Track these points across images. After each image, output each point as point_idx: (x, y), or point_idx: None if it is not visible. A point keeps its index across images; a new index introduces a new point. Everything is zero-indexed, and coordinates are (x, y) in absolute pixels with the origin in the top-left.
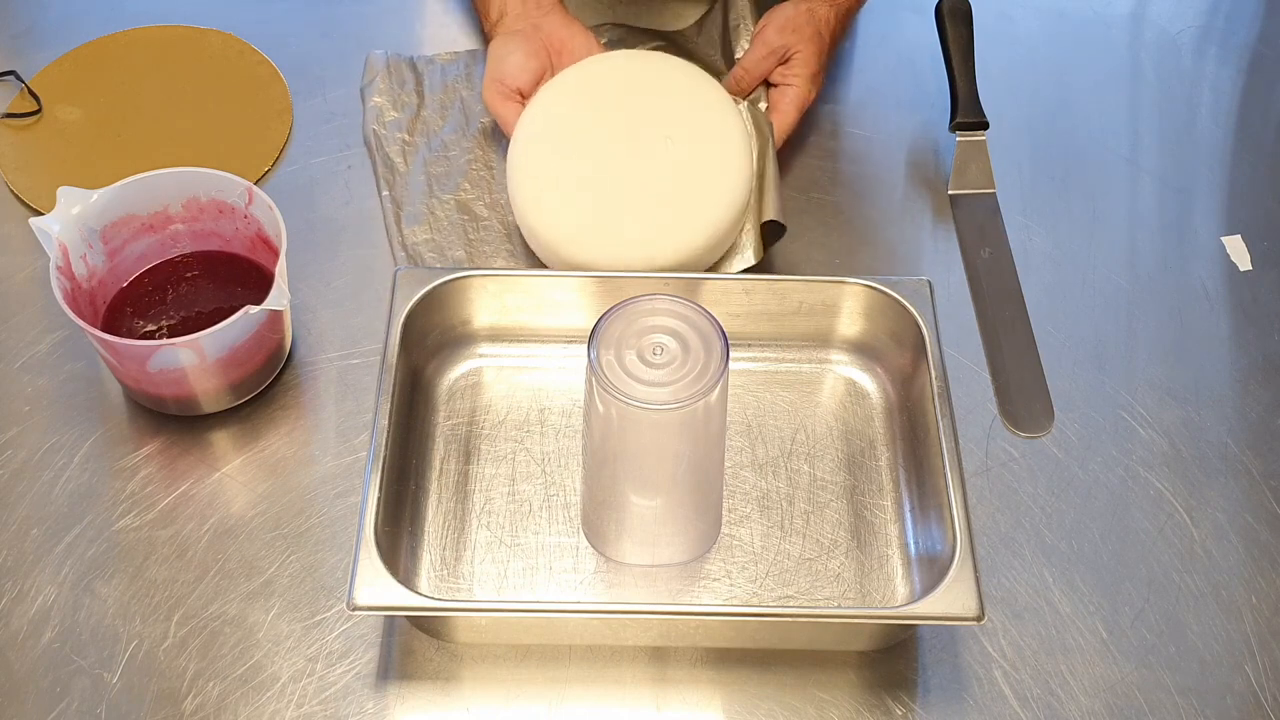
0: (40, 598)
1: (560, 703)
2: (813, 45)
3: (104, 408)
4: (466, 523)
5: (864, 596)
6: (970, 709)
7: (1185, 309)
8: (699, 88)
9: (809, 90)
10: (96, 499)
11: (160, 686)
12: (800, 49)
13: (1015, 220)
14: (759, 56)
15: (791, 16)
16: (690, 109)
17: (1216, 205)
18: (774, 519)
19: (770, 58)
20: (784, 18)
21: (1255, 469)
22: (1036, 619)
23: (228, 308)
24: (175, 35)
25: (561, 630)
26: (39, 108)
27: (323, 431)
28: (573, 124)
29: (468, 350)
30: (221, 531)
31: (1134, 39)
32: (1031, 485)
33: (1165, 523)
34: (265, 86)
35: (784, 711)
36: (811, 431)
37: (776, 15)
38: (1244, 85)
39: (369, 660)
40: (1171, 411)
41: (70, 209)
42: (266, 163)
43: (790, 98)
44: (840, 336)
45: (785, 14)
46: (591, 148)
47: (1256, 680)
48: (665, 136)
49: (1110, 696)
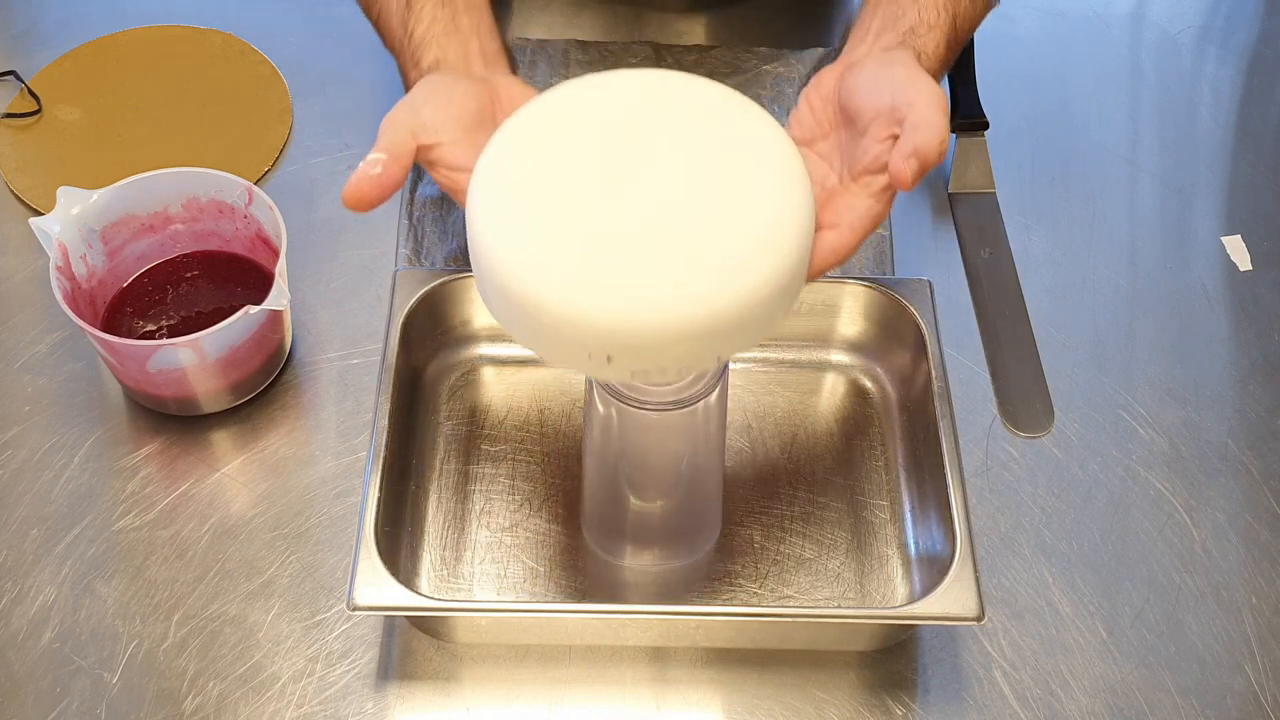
0: (40, 598)
1: (560, 703)
2: (938, 103)
3: (104, 408)
4: (466, 523)
5: (864, 596)
6: (970, 709)
7: (1185, 309)
8: (730, 103)
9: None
10: (96, 499)
11: (160, 686)
12: (914, 101)
13: (1015, 220)
14: (879, 136)
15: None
16: (722, 122)
17: (1216, 205)
18: (774, 519)
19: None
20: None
21: (1255, 469)
22: (1036, 619)
23: (228, 308)
24: (175, 35)
25: (561, 630)
26: (39, 108)
27: (323, 431)
28: (555, 146)
29: (468, 350)
30: (221, 531)
31: (1134, 39)
32: (1031, 485)
33: (1165, 523)
34: (265, 86)
35: (784, 711)
36: (811, 431)
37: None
38: (1244, 85)
39: (369, 660)
40: (1171, 411)
41: (70, 209)
42: (266, 163)
43: (862, 212)
44: (840, 336)
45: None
46: (582, 172)
47: (1256, 680)
48: (685, 156)
49: (1110, 696)
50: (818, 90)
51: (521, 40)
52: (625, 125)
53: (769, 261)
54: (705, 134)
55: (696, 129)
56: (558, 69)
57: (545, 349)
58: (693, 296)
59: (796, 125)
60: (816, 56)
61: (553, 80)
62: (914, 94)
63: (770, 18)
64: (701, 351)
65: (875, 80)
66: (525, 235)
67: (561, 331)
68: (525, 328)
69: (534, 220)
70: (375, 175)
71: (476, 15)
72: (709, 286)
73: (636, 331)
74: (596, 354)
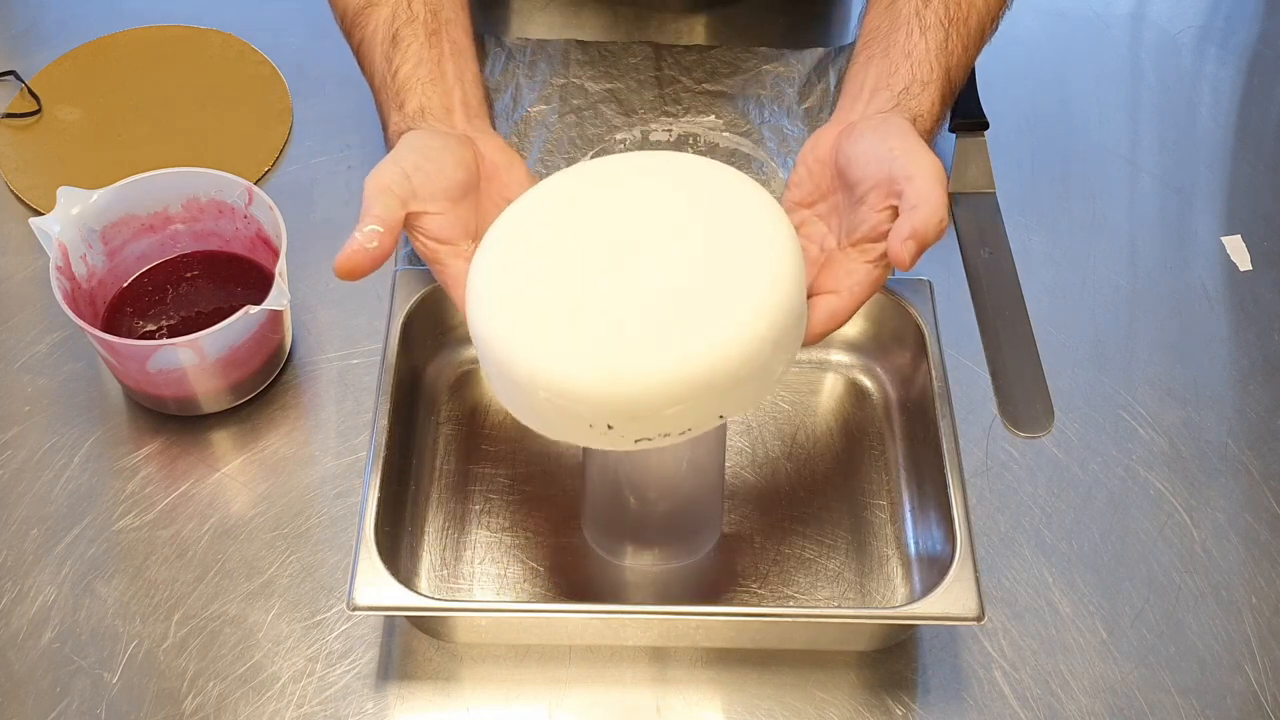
0: (40, 598)
1: (560, 703)
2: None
3: (104, 408)
4: (466, 523)
5: (864, 596)
6: (970, 709)
7: (1185, 309)
8: (719, 176)
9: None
10: (96, 499)
11: (160, 686)
12: (913, 176)
13: (1015, 220)
14: (876, 206)
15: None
16: (710, 194)
17: (1216, 205)
18: (774, 519)
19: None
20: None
21: (1255, 469)
22: (1036, 619)
23: (228, 308)
24: (175, 35)
25: (561, 630)
26: (39, 108)
27: (323, 431)
28: (552, 229)
29: (468, 350)
30: (221, 531)
31: (1134, 39)
32: (1031, 485)
33: (1165, 523)
34: (265, 86)
35: (784, 711)
36: (811, 431)
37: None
38: (1244, 85)
39: (369, 660)
40: (1171, 411)
41: (70, 209)
42: (266, 163)
43: (861, 278)
44: (840, 336)
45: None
46: (577, 253)
47: (1256, 680)
48: (677, 231)
49: (1110, 696)
50: (814, 153)
51: (521, 40)
52: (619, 207)
53: (760, 321)
54: (696, 208)
55: (687, 204)
56: (558, 69)
57: (547, 424)
58: (684, 358)
59: (795, 188)
60: (816, 56)
61: (553, 80)
62: (912, 168)
63: (770, 18)
64: (700, 412)
65: (872, 151)
66: (522, 315)
67: (560, 405)
68: (526, 405)
69: (530, 300)
70: (371, 249)
71: (461, 61)
72: (702, 348)
73: (631, 398)
74: (597, 424)
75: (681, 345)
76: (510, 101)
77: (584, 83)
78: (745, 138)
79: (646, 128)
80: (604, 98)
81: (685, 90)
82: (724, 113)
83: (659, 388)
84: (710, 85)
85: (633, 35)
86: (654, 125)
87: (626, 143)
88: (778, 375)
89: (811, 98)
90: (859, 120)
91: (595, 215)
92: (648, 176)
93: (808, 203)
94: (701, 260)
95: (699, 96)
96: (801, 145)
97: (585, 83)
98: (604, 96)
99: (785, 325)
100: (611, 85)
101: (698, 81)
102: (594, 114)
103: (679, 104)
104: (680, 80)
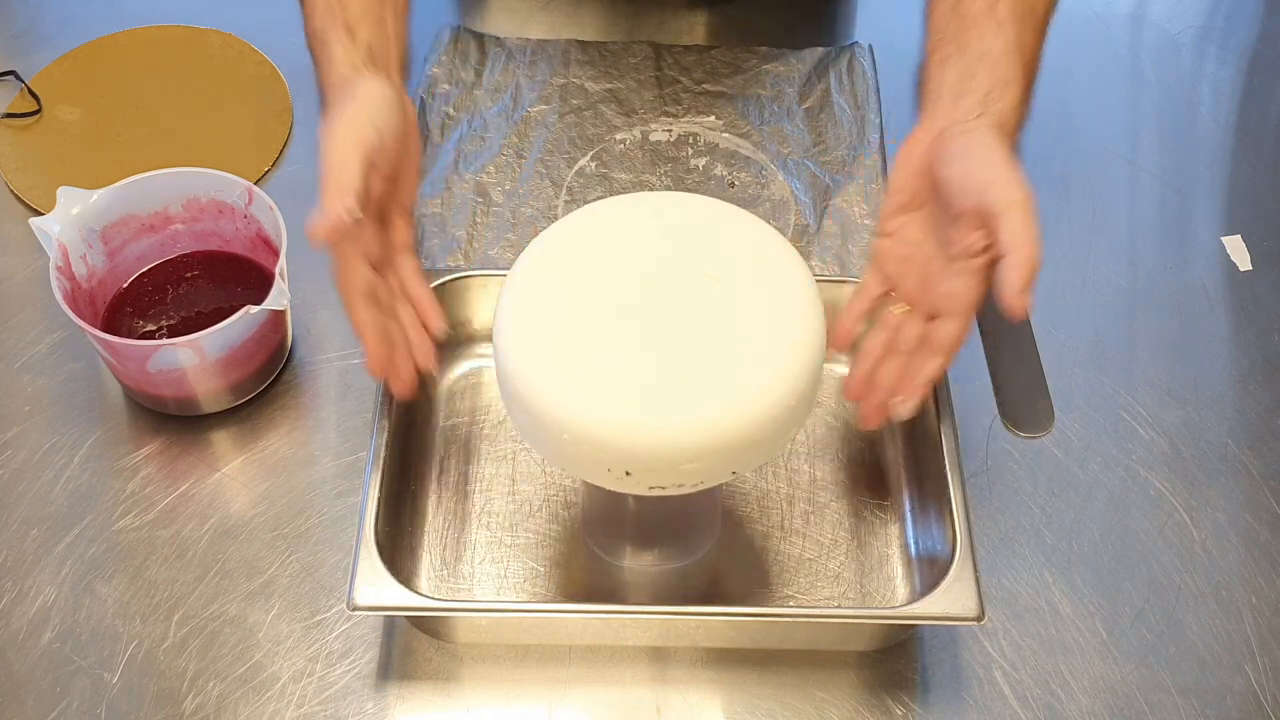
0: (40, 598)
1: (560, 703)
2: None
3: (104, 408)
4: (466, 523)
5: (864, 596)
6: (970, 709)
7: (1185, 309)
8: (750, 229)
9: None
10: (96, 499)
11: (160, 686)
12: (1002, 213)
13: None
14: (971, 227)
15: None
16: (739, 247)
17: (1216, 205)
18: (774, 519)
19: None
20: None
21: (1255, 469)
22: (1036, 619)
23: (228, 308)
24: (175, 35)
25: (561, 630)
26: (39, 108)
27: (323, 431)
28: (579, 272)
29: (468, 350)
30: (221, 531)
31: (1134, 39)
32: (1031, 485)
33: (1165, 523)
34: (265, 86)
35: (784, 711)
36: (811, 431)
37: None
38: (1244, 85)
39: (369, 660)
40: (1171, 411)
41: (70, 209)
42: (266, 163)
43: (965, 291)
44: None
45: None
46: (605, 298)
47: (1256, 680)
48: (704, 283)
49: (1110, 696)
50: (910, 163)
51: (521, 40)
52: (651, 249)
53: (781, 387)
54: (726, 260)
55: (718, 254)
56: (557, 69)
57: (568, 463)
58: (706, 419)
59: (896, 195)
60: (816, 56)
61: (552, 80)
62: (1002, 203)
63: (770, 17)
64: (714, 469)
65: (960, 182)
66: (549, 360)
67: (582, 449)
68: (549, 444)
69: (557, 345)
70: (353, 222)
71: (400, 25)
72: (723, 410)
73: (653, 451)
74: (615, 469)
75: (704, 406)
76: (510, 101)
77: (584, 82)
78: (745, 139)
79: (646, 127)
80: (604, 97)
81: (685, 90)
82: (724, 113)
83: (679, 445)
84: (710, 85)
85: (632, 33)
86: (654, 125)
87: (626, 142)
88: (792, 435)
89: (811, 98)
90: (948, 128)
91: (627, 254)
92: (680, 219)
93: (908, 209)
94: (730, 316)
95: (699, 96)
96: (801, 145)
97: (585, 82)
98: (604, 96)
99: (804, 392)
100: (611, 85)
101: (698, 81)
102: (594, 114)
103: (679, 104)
104: (680, 80)
